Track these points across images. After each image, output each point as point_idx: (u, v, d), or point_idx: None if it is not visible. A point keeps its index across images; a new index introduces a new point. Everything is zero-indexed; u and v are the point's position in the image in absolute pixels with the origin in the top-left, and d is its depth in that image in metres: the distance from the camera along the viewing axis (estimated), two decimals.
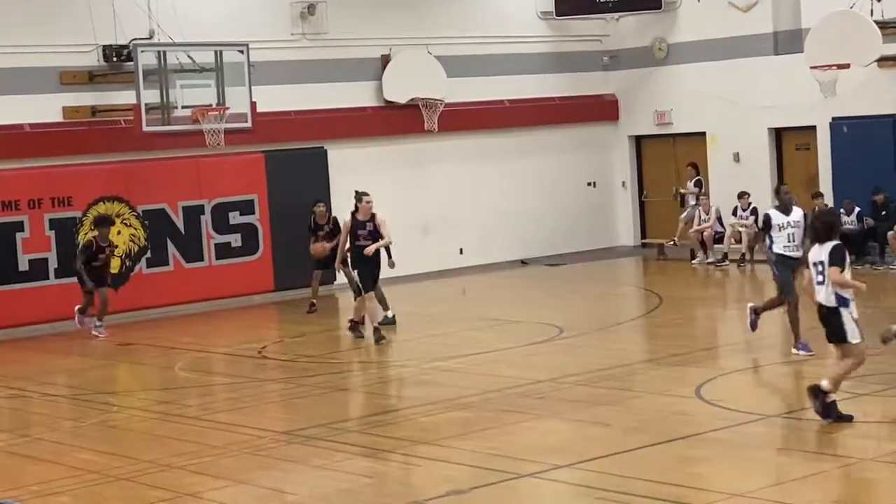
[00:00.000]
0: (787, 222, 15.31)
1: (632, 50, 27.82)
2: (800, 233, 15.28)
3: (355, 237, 17.90)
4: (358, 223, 17.93)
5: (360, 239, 17.81)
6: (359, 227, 17.91)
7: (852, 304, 11.61)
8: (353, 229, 17.98)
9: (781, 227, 15.29)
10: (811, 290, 11.97)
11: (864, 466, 10.29)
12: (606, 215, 28.40)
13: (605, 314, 20.10)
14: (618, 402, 13.33)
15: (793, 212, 15.45)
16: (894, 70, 23.49)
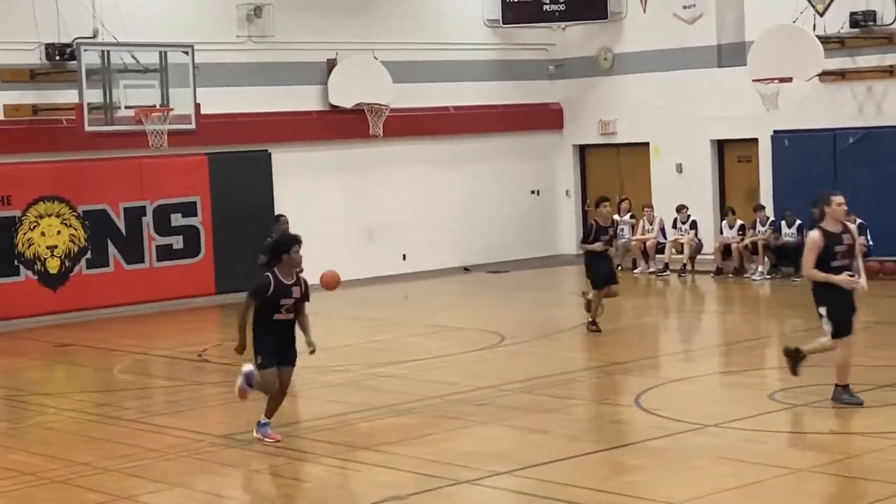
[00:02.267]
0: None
1: (577, 59, 27.95)
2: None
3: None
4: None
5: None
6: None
7: None
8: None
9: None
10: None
11: (799, 477, 10.38)
12: (550, 223, 28.51)
13: (546, 322, 20.16)
14: (558, 409, 13.37)
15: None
16: (835, 85, 23.76)
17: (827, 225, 12.57)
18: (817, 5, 23.88)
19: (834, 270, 12.37)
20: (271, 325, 12.00)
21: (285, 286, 12.00)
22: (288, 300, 12.00)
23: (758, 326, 19.58)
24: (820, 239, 12.45)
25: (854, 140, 23.69)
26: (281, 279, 11.98)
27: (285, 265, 12.03)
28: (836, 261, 12.44)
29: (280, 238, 12.84)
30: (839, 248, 12.47)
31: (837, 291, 12.46)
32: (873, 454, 10.88)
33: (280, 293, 11.95)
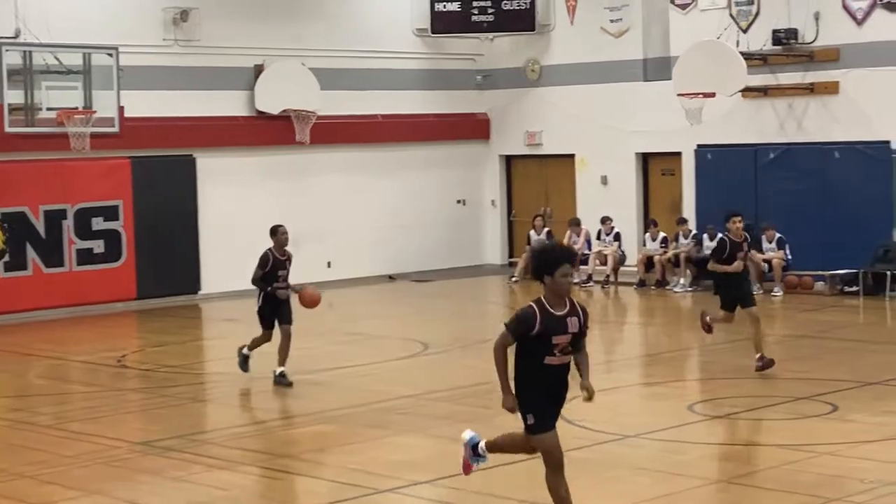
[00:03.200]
0: None
1: (505, 70, 28.04)
2: None
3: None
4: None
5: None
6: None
7: None
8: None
9: None
10: None
11: (718, 488, 10.47)
12: (475, 233, 28.56)
13: (470, 331, 20.16)
14: (480, 419, 13.31)
15: None
16: (758, 101, 24.04)
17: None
18: (741, 22, 24.17)
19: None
20: (539, 370, 9.06)
21: (556, 318, 8.87)
22: (562, 337, 8.93)
23: (679, 338, 19.72)
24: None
25: (775, 155, 23.98)
26: (549, 308, 8.87)
27: (549, 290, 8.82)
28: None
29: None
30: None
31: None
32: (790, 466, 10.99)
33: (550, 328, 8.87)
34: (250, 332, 20.23)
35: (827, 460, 11.18)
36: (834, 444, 11.71)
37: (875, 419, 12.65)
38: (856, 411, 13.00)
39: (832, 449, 11.54)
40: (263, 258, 15.44)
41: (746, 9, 24.22)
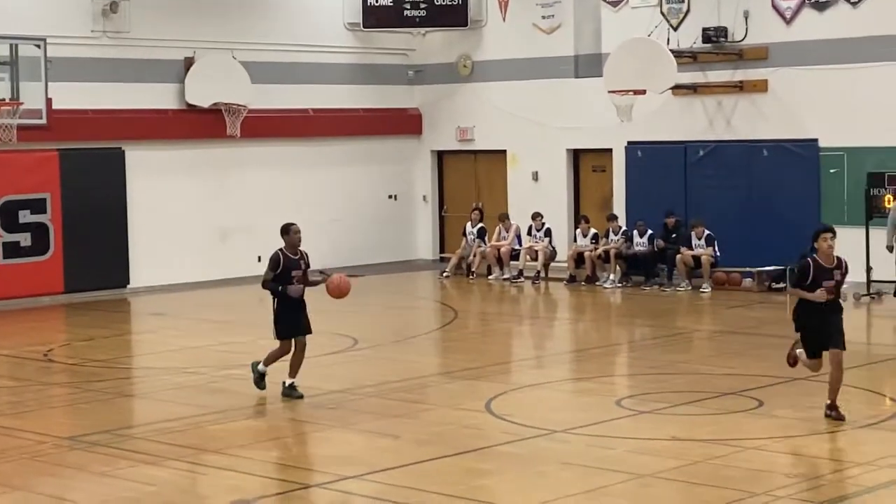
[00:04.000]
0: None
1: (437, 65, 28.05)
2: None
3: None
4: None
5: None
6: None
7: None
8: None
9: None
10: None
11: (643, 482, 10.54)
12: (407, 228, 28.56)
13: (400, 326, 20.18)
14: (409, 414, 13.38)
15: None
16: (688, 98, 24.25)
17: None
18: (672, 20, 24.36)
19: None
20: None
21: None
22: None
23: (608, 334, 19.86)
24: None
25: (704, 153, 24.21)
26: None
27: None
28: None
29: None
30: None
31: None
32: (715, 461, 11.09)
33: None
34: (177, 325, 20.21)
35: (752, 455, 11.30)
36: (759, 439, 11.84)
37: (800, 414, 12.80)
38: (781, 407, 13.14)
39: (758, 444, 11.66)
40: (274, 259, 14.15)
41: (677, 7, 24.42)
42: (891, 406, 13.48)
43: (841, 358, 12.34)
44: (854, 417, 12.63)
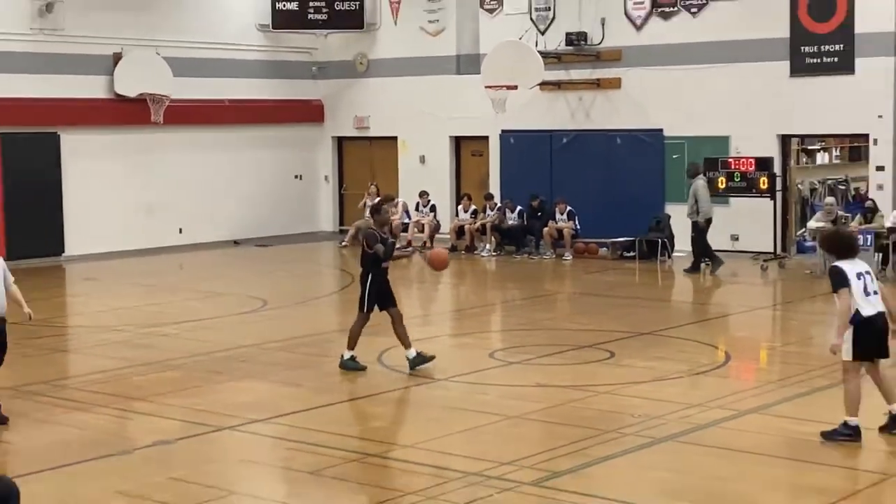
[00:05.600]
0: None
1: (337, 62, 27.83)
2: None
3: None
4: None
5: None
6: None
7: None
8: None
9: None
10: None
11: (513, 422, 10.63)
12: (311, 204, 28.36)
13: (305, 289, 20.05)
14: (311, 366, 13.32)
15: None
16: (553, 93, 24.37)
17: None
18: (540, 26, 24.44)
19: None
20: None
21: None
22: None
23: (484, 296, 19.95)
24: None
25: (567, 140, 24.37)
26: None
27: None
28: None
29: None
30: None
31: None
32: (573, 403, 11.22)
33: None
34: (106, 288, 19.82)
35: (604, 399, 11.45)
36: (611, 384, 12.00)
37: (645, 363, 12.99)
38: (629, 357, 13.32)
39: (609, 389, 11.82)
40: (373, 236, 12.69)
41: (544, 14, 24.51)
42: (721, 356, 13.72)
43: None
44: (691, 366, 12.87)
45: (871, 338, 9.56)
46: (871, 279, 9.68)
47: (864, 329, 9.51)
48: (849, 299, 9.42)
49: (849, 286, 9.49)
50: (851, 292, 9.48)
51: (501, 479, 8.90)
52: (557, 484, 8.75)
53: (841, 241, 9.95)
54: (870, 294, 9.56)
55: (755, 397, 11.35)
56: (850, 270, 9.59)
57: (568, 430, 10.25)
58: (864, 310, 9.50)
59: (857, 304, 9.50)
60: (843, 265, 9.65)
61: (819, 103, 21.28)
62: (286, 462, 9.70)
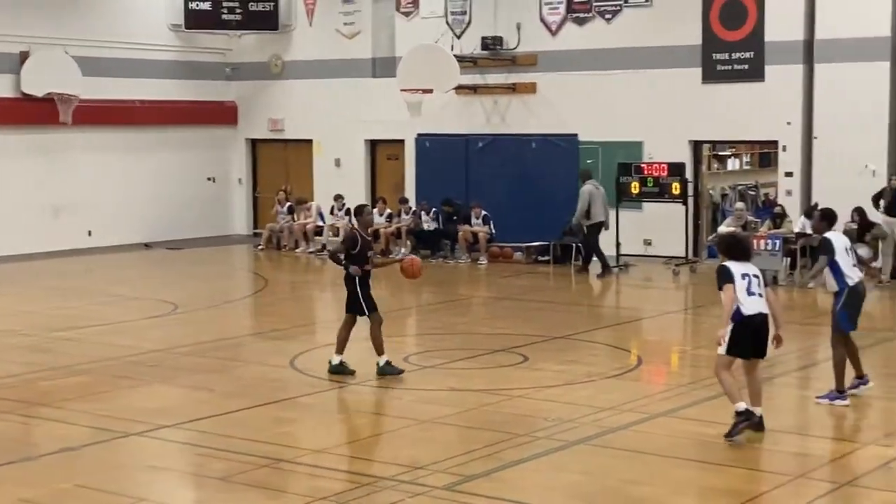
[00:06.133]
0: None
1: (252, 64, 27.63)
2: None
3: None
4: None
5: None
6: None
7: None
8: None
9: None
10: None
11: (425, 427, 10.62)
12: (224, 207, 28.11)
13: (216, 293, 19.83)
14: (222, 370, 13.19)
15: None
16: (469, 97, 24.46)
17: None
18: (455, 29, 24.51)
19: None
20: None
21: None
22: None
23: (400, 299, 19.84)
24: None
25: (483, 145, 24.47)
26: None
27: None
28: None
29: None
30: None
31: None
32: (486, 407, 11.25)
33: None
34: (12, 292, 19.43)
35: (518, 402, 11.50)
36: (524, 388, 12.06)
37: (558, 367, 13.08)
38: (543, 361, 13.40)
39: (522, 393, 11.87)
40: (352, 238, 12.56)
41: (460, 18, 24.59)
42: (633, 359, 13.87)
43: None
44: (603, 370, 12.99)
45: (748, 336, 9.94)
46: (759, 282, 10.03)
47: (743, 327, 9.90)
48: (732, 295, 9.80)
49: (733, 283, 9.88)
50: (735, 290, 9.85)
51: (414, 483, 8.89)
52: (470, 488, 8.77)
53: (736, 245, 10.36)
54: (753, 294, 9.93)
55: (666, 400, 11.49)
56: (737, 270, 9.99)
57: (481, 434, 10.27)
58: (745, 308, 9.88)
59: (738, 302, 9.87)
60: (731, 265, 10.04)
61: (730, 110, 21.63)
62: (196, 468, 9.59)
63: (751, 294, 9.93)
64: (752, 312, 9.91)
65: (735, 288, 9.88)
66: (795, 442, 10.18)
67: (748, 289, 9.93)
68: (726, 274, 9.97)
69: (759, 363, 10.24)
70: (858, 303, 11.35)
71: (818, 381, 12.41)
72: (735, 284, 9.89)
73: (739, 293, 9.89)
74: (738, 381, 10.22)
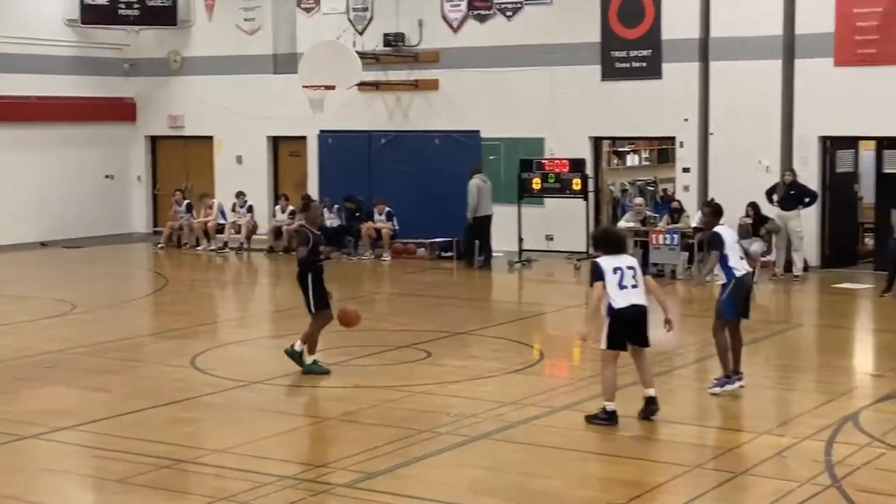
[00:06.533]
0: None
1: (150, 59, 27.24)
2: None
3: None
4: None
5: None
6: None
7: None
8: None
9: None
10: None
11: (328, 424, 10.61)
12: (123, 205, 27.69)
13: (116, 293, 19.53)
14: (121, 371, 13.00)
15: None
16: (371, 94, 24.42)
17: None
18: (357, 26, 24.44)
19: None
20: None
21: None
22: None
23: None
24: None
25: (386, 141, 24.45)
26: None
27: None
28: None
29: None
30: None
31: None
32: (390, 404, 11.25)
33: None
34: None
35: (421, 398, 11.52)
36: (427, 384, 12.09)
37: (461, 363, 13.13)
38: (446, 357, 13.43)
39: (426, 389, 11.90)
40: (305, 235, 12.42)
41: (362, 14, 24.53)
42: (535, 354, 13.98)
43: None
44: (505, 364, 13.08)
45: (623, 329, 10.24)
46: (633, 274, 10.29)
47: (617, 321, 10.21)
48: (601, 291, 10.13)
49: (603, 280, 10.18)
50: (605, 286, 10.15)
51: (316, 481, 8.86)
52: (372, 485, 8.76)
53: (608, 239, 10.62)
54: (625, 287, 10.21)
55: (567, 394, 11.61)
56: (608, 265, 10.26)
57: (384, 431, 10.26)
58: (616, 302, 10.18)
59: (610, 298, 10.18)
60: (602, 260, 10.32)
61: (629, 107, 21.92)
62: (95, 470, 9.44)
63: (623, 287, 10.20)
64: (624, 305, 10.20)
65: (606, 284, 10.16)
66: (693, 433, 10.36)
67: (620, 282, 10.19)
68: (596, 271, 10.26)
69: (645, 351, 10.48)
70: (744, 293, 11.63)
71: (715, 373, 12.66)
72: (605, 280, 10.17)
73: (610, 288, 10.17)
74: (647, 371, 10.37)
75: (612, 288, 10.17)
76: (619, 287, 10.18)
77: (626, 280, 10.22)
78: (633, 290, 10.24)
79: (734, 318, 11.56)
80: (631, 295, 10.23)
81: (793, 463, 9.25)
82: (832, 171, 20.81)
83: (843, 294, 18.24)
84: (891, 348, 14.19)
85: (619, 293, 10.18)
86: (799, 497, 8.38)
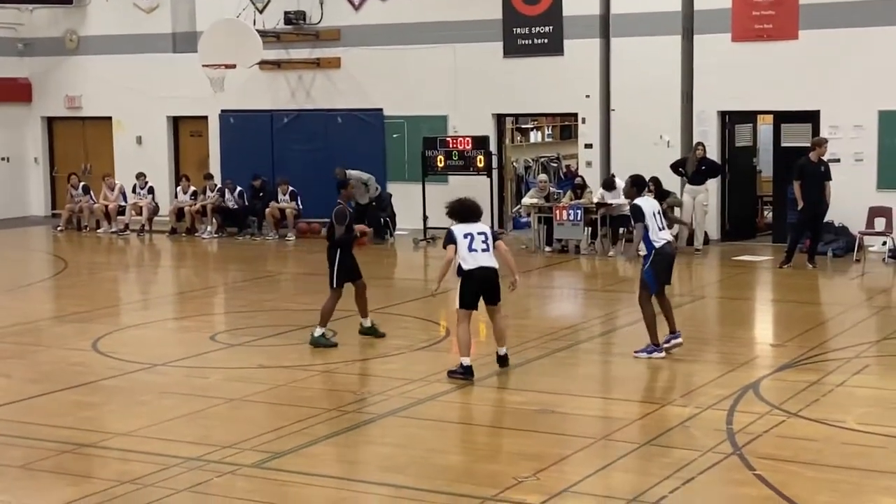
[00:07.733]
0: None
1: (45, 39, 26.65)
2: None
3: None
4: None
5: None
6: None
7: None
8: None
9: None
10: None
11: (234, 405, 10.49)
12: (20, 188, 27.09)
13: (13, 277, 19.09)
14: (21, 356, 12.72)
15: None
16: (273, 73, 24.19)
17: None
18: (257, 3, 24.13)
19: None
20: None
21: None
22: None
23: (206, 278, 19.58)
24: None
25: (288, 120, 24.26)
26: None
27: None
28: None
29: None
30: None
31: None
32: (296, 384, 11.19)
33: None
34: None
35: (327, 377, 11.48)
36: (333, 363, 12.03)
37: (367, 341, 13.05)
38: (352, 335, 13.30)
39: (332, 368, 11.84)
40: (343, 212, 12.70)
41: None
42: (441, 331, 13.99)
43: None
44: (412, 342, 13.07)
45: (473, 288, 11.08)
46: (483, 239, 11.07)
47: (466, 281, 11.06)
48: (451, 254, 10.99)
49: (455, 244, 11.03)
50: (457, 249, 11.01)
51: (222, 462, 8.77)
52: (279, 464, 8.70)
53: (461, 208, 11.32)
54: (474, 251, 11.03)
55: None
56: (459, 232, 11.10)
57: (291, 411, 10.20)
58: (465, 264, 11.05)
59: (461, 259, 11.04)
60: (456, 228, 11.16)
61: (531, 83, 22.01)
62: None
63: (472, 251, 11.02)
64: (472, 267, 11.03)
65: (457, 248, 11.00)
66: (599, 405, 10.48)
67: (469, 246, 11.03)
68: (449, 236, 11.13)
69: (498, 309, 11.32)
70: (667, 264, 11.83)
71: (620, 345, 12.81)
72: (457, 244, 11.01)
73: (462, 252, 11.01)
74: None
75: (463, 251, 11.00)
76: (469, 250, 11.00)
77: (476, 244, 11.04)
78: (482, 254, 11.06)
79: (658, 289, 11.77)
80: (479, 258, 11.03)
81: (696, 432, 9.40)
82: (731, 145, 21.16)
83: (743, 266, 18.58)
84: (790, 319, 14.49)
85: (469, 255, 11.00)
86: (702, 465, 8.52)
